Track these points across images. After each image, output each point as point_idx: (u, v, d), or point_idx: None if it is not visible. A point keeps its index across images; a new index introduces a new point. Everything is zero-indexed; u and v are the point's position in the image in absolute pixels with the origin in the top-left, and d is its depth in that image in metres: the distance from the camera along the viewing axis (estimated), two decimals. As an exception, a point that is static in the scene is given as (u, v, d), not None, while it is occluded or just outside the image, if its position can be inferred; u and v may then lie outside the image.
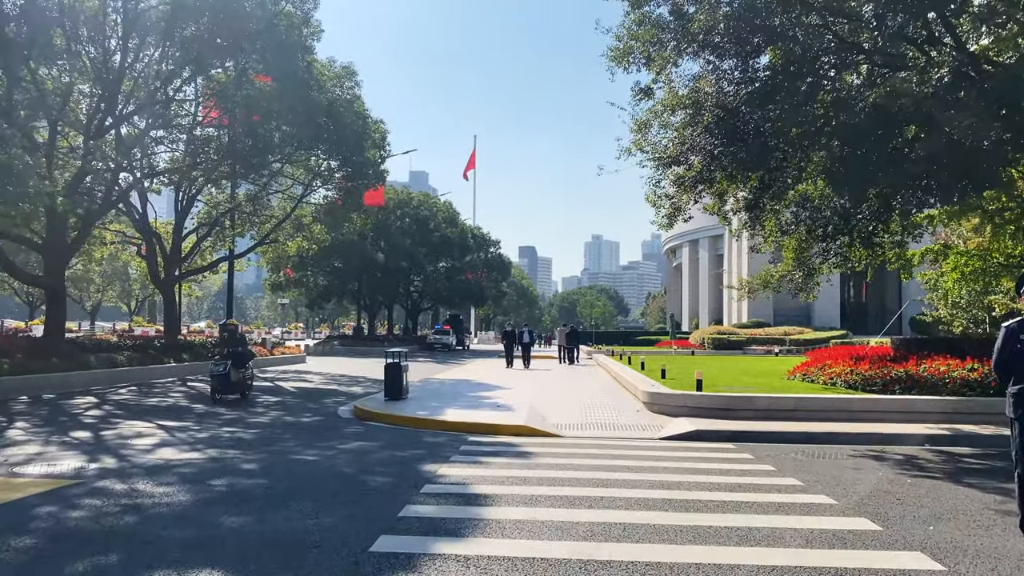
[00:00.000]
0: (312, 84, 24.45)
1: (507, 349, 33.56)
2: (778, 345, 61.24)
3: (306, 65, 24.97)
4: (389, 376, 17.45)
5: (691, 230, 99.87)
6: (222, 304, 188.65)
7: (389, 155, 31.46)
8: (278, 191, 33.30)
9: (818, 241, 17.96)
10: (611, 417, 14.77)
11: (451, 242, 60.91)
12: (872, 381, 16.78)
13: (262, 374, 27.75)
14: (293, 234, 33.48)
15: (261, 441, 11.73)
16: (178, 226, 30.16)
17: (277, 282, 57.64)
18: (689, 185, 15.58)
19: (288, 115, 23.65)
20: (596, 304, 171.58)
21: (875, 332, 79.84)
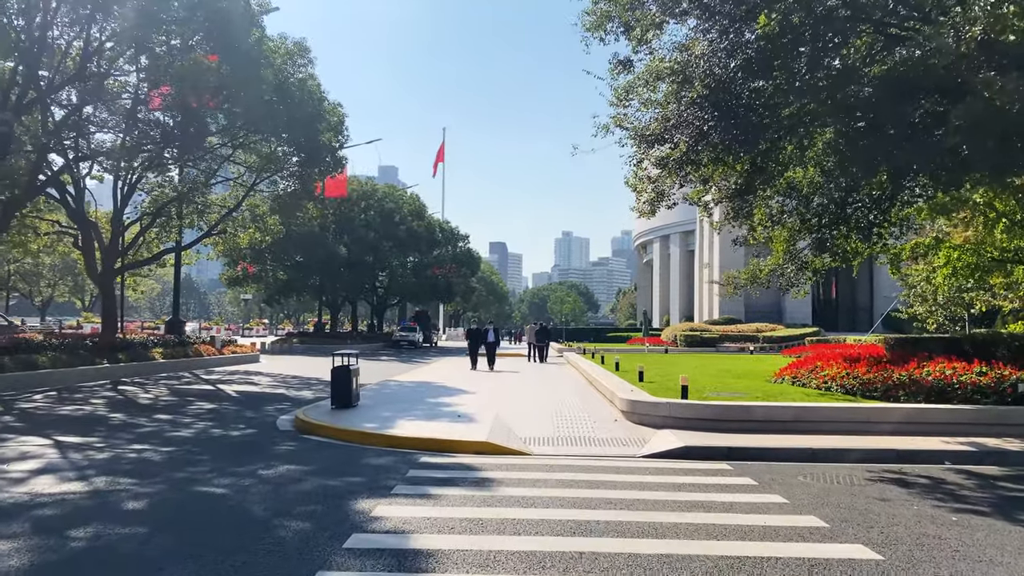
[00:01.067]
0: (261, 61, 22.32)
1: (471, 349, 30.40)
2: (751, 342, 60.11)
3: (256, 40, 22.86)
4: (336, 381, 15.52)
5: (662, 225, 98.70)
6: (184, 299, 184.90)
7: (348, 141, 29.37)
8: (228, 179, 31.06)
9: (812, 232, 16.31)
10: (586, 429, 12.97)
11: (418, 236, 58.76)
12: (872, 386, 15.21)
13: (207, 376, 25.62)
14: (246, 225, 31.22)
15: (169, 464, 9.76)
16: (117, 215, 27.82)
17: (234, 276, 55.10)
18: (674, 167, 13.80)
19: (234, 92, 21.53)
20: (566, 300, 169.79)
21: (846, 329, 79.31)
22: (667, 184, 14.55)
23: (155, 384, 22.04)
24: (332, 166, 29.59)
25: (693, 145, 13.27)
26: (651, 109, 14.11)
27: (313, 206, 30.94)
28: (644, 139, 13.57)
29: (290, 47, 24.93)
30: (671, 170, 13.84)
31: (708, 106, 12.47)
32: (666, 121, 13.19)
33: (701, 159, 13.71)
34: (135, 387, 20.92)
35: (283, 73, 24.34)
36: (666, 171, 13.90)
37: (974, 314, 45.15)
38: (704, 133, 12.83)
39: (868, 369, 16.10)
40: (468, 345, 30.81)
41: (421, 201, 62.93)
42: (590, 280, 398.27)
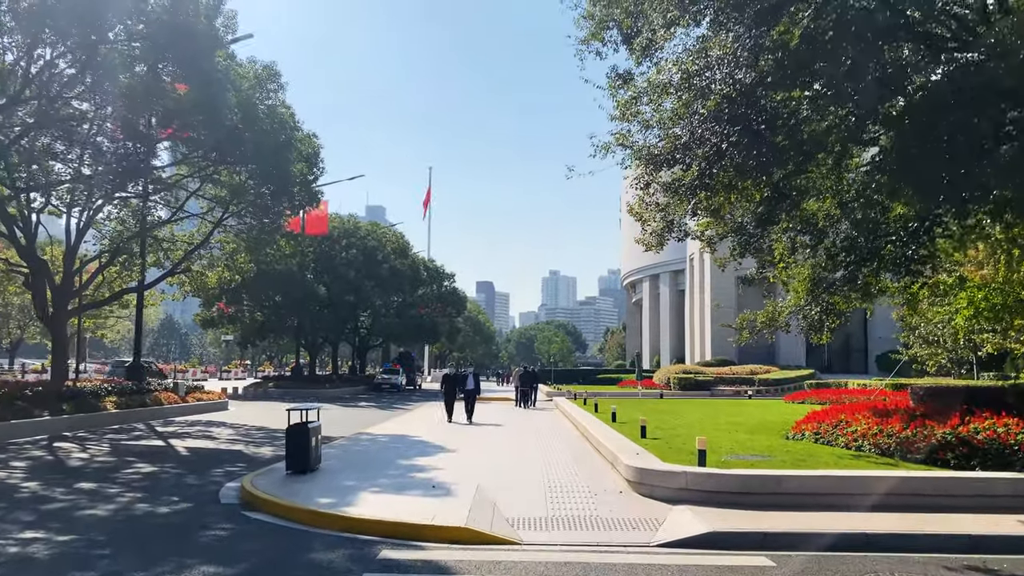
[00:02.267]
0: (226, 84, 20.42)
1: (447, 398, 25.81)
2: (747, 385, 58.07)
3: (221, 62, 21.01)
4: (292, 442, 13.33)
5: (651, 264, 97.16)
6: (165, 340, 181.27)
7: (324, 174, 27.49)
8: (194, 215, 28.99)
9: (842, 267, 14.40)
10: (586, 505, 10.82)
11: (401, 275, 56.66)
12: (913, 447, 13.18)
13: (163, 428, 23.28)
14: (214, 263, 29.08)
15: (51, 567, 7.55)
16: (70, 253, 25.63)
17: (208, 317, 52.73)
18: (686, 193, 11.86)
19: (192, 117, 19.58)
20: (554, 340, 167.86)
21: (841, 371, 77.42)
22: (678, 212, 12.60)
23: (99, 440, 19.69)
24: (307, 200, 27.63)
25: (708, 167, 11.36)
26: (658, 127, 12.23)
27: (286, 242, 28.93)
28: (652, 160, 11.67)
29: (259, 71, 23.07)
30: (683, 196, 11.90)
31: (726, 120, 10.59)
32: (677, 139, 11.30)
33: (716, 183, 11.80)
34: (74, 444, 18.58)
35: (250, 99, 22.44)
36: (677, 197, 11.96)
37: (981, 356, 43.46)
38: (722, 152, 10.95)
39: (904, 425, 14.08)
40: (443, 391, 26.30)
41: (405, 239, 61.05)
42: (577, 319, 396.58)
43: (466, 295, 73.23)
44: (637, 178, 12.41)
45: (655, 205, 12.99)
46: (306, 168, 25.15)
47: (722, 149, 10.67)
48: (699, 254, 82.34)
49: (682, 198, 12.01)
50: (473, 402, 26.47)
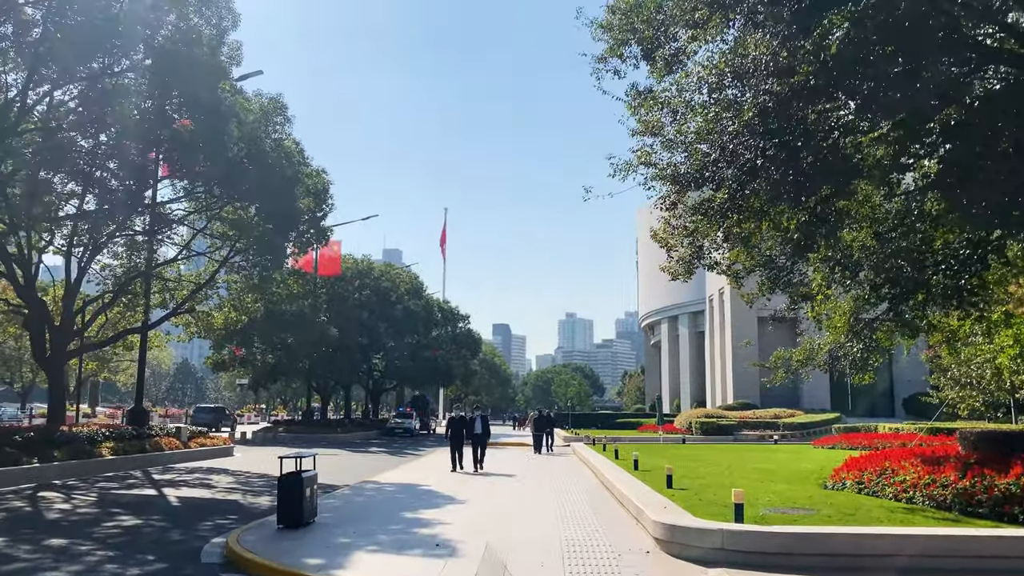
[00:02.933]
0: (229, 116, 19.68)
1: (453, 444, 23.38)
2: (771, 429, 56.19)
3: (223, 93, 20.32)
4: (283, 493, 12.15)
5: (670, 305, 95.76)
6: (180, 384, 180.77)
7: (333, 211, 26.68)
8: (200, 253, 28.18)
9: (886, 300, 13.17)
10: (610, 567, 9.52)
11: (415, 316, 55.68)
12: (974, 499, 11.80)
13: (160, 476, 22.16)
14: (221, 303, 28.21)
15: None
16: (70, 292, 24.81)
17: (219, 360, 51.84)
18: (716, 214, 10.75)
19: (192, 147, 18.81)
20: (571, 383, 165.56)
21: (865, 414, 75.14)
22: (708, 235, 11.47)
23: (88, 488, 18.57)
24: (315, 237, 26.82)
25: (740, 187, 10.26)
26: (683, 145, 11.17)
27: (294, 281, 28.01)
28: (678, 179, 10.58)
29: (265, 104, 22.38)
30: (712, 219, 10.78)
31: (760, 134, 9.51)
32: (705, 156, 10.22)
33: (748, 206, 10.67)
34: (60, 493, 17.47)
35: (255, 132, 21.71)
36: (706, 219, 10.84)
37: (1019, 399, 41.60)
38: (755, 170, 9.85)
39: (960, 475, 12.70)
40: (449, 436, 24.07)
41: (419, 279, 60.21)
42: (595, 362, 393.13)
43: (481, 337, 72.10)
44: (663, 197, 11.32)
45: (682, 229, 11.87)
46: (314, 204, 24.36)
47: (756, 166, 9.59)
48: (719, 295, 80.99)
49: (712, 220, 10.91)
50: (483, 448, 24.20)
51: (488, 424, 25.60)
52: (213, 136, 18.92)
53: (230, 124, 19.05)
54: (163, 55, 18.04)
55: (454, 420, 24.99)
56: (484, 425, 24.83)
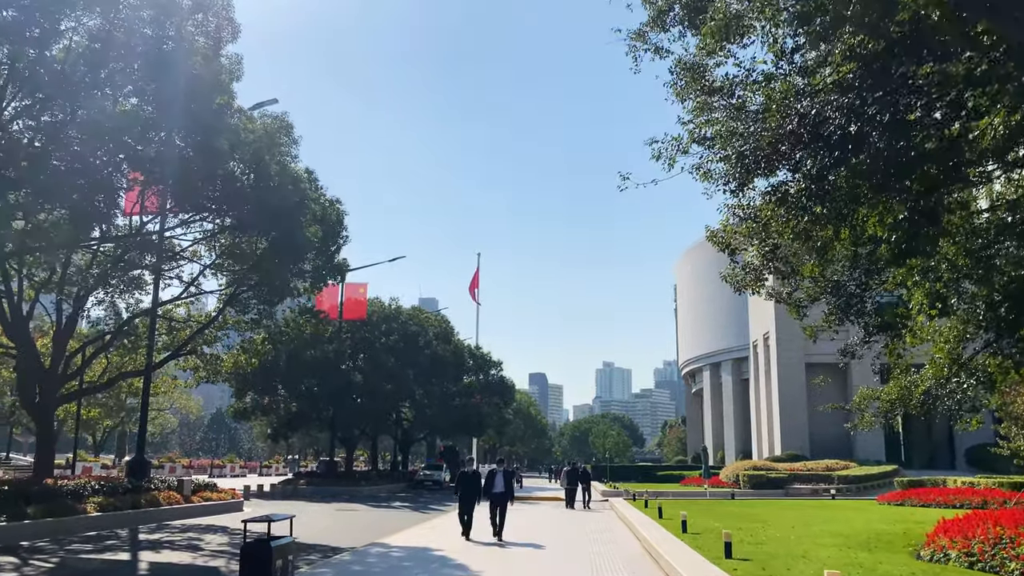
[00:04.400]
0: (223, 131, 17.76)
1: (462, 506, 18.83)
2: (824, 483, 52.24)
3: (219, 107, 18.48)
4: (246, 567, 9.71)
5: (712, 352, 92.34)
6: (215, 435, 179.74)
7: (347, 243, 24.61)
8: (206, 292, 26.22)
9: (996, 325, 10.46)
10: None
11: (444, 361, 53.22)
12: None
13: (148, 535, 19.84)
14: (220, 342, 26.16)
15: None
16: (61, 334, 22.93)
17: (240, 408, 49.78)
18: (795, 204, 8.25)
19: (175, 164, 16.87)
20: (609, 434, 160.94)
21: (923, 466, 70.36)
22: (784, 232, 8.94)
23: (54, 552, 16.27)
24: (328, 272, 24.72)
25: (827, 168, 7.77)
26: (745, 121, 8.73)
27: (306, 321, 25.83)
28: (743, 161, 8.12)
29: (268, 124, 20.49)
30: (791, 209, 8.27)
31: (861, 88, 7.05)
32: (779, 128, 7.75)
33: (836, 193, 8.16)
34: (15, 558, 15.17)
35: (258, 151, 19.78)
36: (784, 208, 8.33)
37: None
38: (848, 141, 7.35)
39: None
40: (458, 497, 19.14)
41: (449, 323, 57.90)
42: (633, 412, 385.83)
43: (514, 384, 69.26)
44: (727, 176, 8.79)
45: (750, 224, 9.36)
46: (323, 234, 22.28)
47: (849, 134, 7.14)
48: (763, 340, 77.37)
49: (790, 211, 8.41)
50: (504, 511, 18.65)
51: (513, 480, 20.31)
52: (205, 153, 16.97)
53: (220, 140, 17.09)
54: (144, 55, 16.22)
55: (465, 476, 19.31)
56: (508, 482, 19.06)
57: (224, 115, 18.74)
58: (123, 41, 16.58)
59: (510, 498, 19.18)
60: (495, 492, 18.84)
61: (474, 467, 19.74)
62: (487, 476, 19.41)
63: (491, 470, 19.62)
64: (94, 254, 23.25)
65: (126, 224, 23.78)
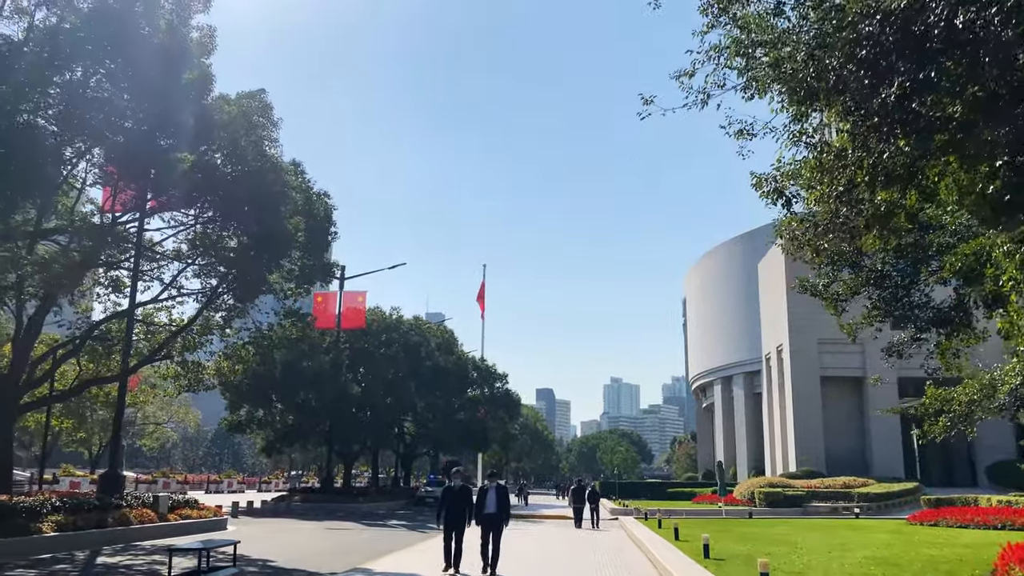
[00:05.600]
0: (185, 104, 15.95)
1: (448, 532, 15.03)
2: (843, 500, 49.91)
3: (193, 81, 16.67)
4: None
5: (723, 365, 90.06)
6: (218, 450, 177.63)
7: (336, 239, 22.80)
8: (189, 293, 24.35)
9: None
10: None
11: (446, 372, 51.20)
12: None
13: (109, 558, 17.91)
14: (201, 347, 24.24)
15: None
16: (23, 339, 21.04)
17: (234, 421, 47.86)
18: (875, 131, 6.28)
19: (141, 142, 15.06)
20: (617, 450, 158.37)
21: (942, 483, 67.79)
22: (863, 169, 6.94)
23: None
24: (316, 271, 22.85)
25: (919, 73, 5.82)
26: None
27: (292, 324, 23.93)
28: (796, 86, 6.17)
29: (244, 103, 18.64)
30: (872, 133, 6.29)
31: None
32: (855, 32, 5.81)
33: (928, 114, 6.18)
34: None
35: (233, 132, 17.95)
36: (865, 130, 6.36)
37: None
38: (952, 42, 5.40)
39: None
40: (443, 522, 15.06)
41: (452, 333, 55.95)
42: (641, 428, 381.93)
43: (520, 397, 67.11)
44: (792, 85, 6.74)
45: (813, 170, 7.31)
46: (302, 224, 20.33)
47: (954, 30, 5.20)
48: (776, 352, 75.03)
49: (870, 137, 6.42)
50: (498, 538, 14.97)
51: (508, 498, 15.68)
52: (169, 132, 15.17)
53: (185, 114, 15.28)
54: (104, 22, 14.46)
55: (451, 493, 15.13)
56: (502, 500, 15.15)
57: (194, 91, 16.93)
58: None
59: (505, 519, 15.15)
60: (487, 513, 14.87)
61: (461, 481, 15.47)
62: (478, 493, 15.47)
63: (482, 487, 15.70)
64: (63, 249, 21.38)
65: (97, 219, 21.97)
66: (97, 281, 25.32)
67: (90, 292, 25.97)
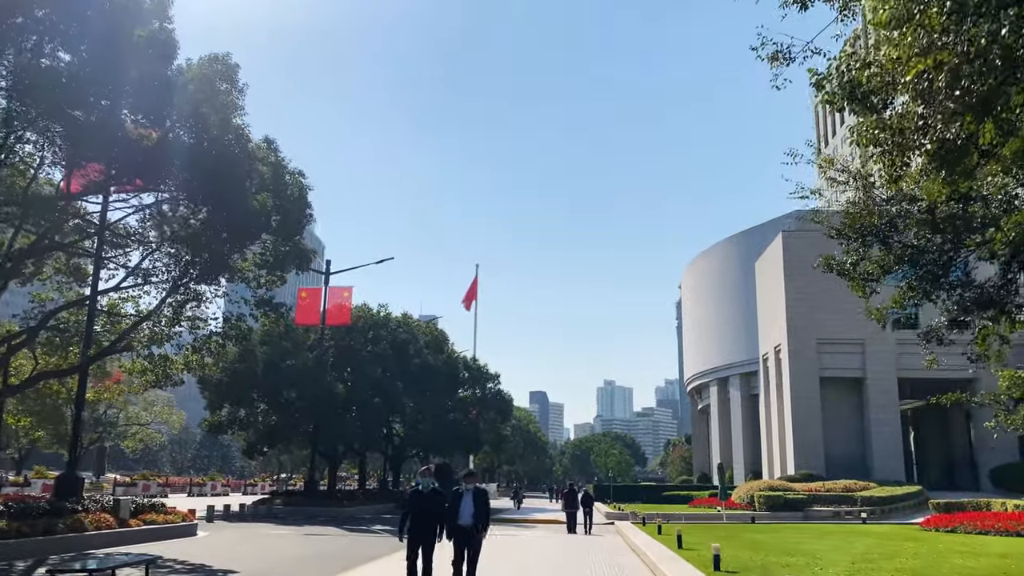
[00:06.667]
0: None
1: (413, 548, 12.27)
2: (846, 504, 48.31)
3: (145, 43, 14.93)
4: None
5: (720, 366, 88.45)
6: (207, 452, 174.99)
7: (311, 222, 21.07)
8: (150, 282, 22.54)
9: None
10: None
11: (435, 371, 49.39)
12: None
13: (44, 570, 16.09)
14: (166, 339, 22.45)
15: None
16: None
17: (215, 422, 46.01)
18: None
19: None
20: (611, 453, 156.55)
21: (942, 487, 66.12)
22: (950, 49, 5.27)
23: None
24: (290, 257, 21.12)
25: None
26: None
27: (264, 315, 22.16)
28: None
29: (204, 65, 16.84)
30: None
31: None
32: None
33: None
34: None
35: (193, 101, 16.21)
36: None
37: None
38: None
39: None
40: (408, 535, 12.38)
41: (441, 331, 54.21)
42: (635, 431, 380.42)
43: (512, 398, 65.28)
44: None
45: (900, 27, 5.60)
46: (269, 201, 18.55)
47: None
48: (774, 353, 73.38)
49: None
50: (475, 555, 12.24)
51: (487, 504, 12.66)
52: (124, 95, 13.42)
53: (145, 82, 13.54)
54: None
55: (419, 498, 12.42)
56: (477, 506, 12.27)
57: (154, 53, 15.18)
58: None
59: (483, 526, 12.16)
60: (460, 525, 12.03)
61: (432, 482, 12.60)
62: (450, 499, 12.36)
63: (455, 491, 12.55)
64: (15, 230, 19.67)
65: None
66: (58, 269, 23.55)
67: (50, 280, 24.18)
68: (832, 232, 12.81)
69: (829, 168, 13.25)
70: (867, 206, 12.44)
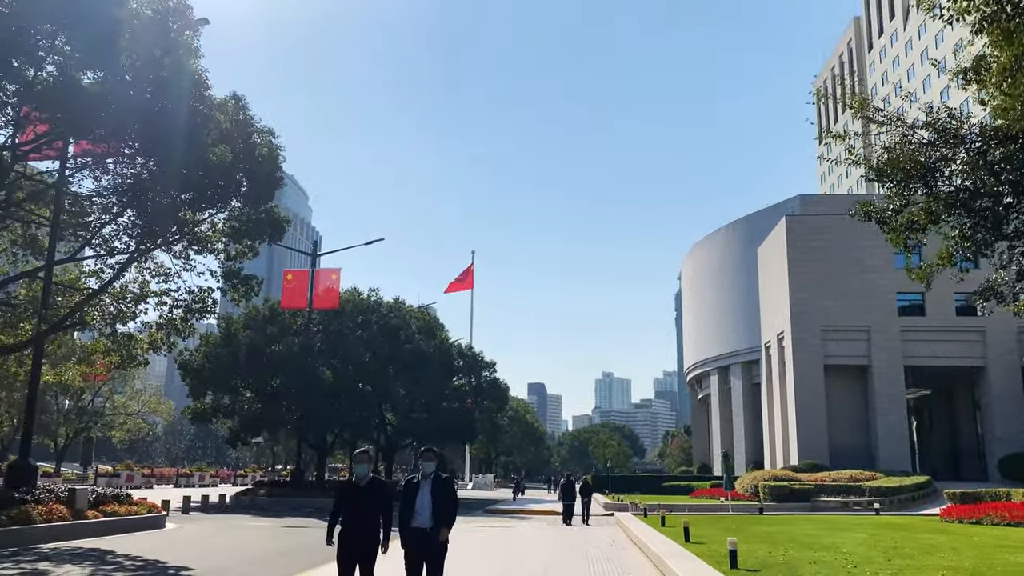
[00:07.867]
0: None
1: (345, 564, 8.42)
2: (854, 495, 46.61)
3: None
4: None
5: (720, 354, 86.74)
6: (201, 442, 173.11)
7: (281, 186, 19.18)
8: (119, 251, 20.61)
9: None
10: None
11: (429, 358, 47.46)
12: None
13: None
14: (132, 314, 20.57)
15: None
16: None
17: (199, 410, 44.17)
18: None
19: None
20: (610, 444, 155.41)
21: (949, 477, 64.32)
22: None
23: None
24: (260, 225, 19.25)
25: None
26: None
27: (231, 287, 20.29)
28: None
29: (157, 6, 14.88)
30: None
31: None
32: None
33: None
34: None
35: (144, 42, 14.32)
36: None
37: None
38: None
39: None
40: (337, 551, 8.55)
41: (434, 317, 52.28)
42: (633, 422, 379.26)
43: (508, 386, 63.30)
44: None
45: None
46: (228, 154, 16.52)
47: None
48: (777, 340, 71.66)
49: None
50: (438, 563, 8.60)
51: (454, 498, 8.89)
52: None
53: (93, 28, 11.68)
54: None
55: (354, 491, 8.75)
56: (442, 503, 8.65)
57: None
58: None
59: (446, 524, 8.67)
60: (414, 528, 8.61)
61: (369, 470, 9.02)
62: (404, 492, 8.85)
63: (409, 480, 9.03)
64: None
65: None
66: (13, 240, 21.69)
67: (6, 252, 22.33)
68: (871, 173, 11.00)
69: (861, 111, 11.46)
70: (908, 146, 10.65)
